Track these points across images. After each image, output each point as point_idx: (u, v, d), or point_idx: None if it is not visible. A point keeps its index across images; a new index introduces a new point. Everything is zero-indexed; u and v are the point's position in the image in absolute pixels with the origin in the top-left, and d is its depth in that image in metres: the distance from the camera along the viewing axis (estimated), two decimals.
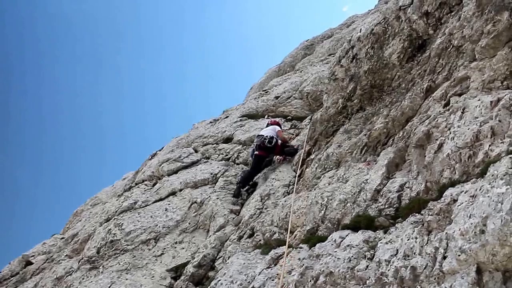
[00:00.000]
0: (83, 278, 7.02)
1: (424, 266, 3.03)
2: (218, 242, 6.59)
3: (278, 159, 8.73)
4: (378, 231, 3.92)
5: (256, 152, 8.47)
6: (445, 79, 5.04)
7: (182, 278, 6.16)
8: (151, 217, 7.88)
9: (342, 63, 7.56)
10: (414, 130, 4.80)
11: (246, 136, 10.70)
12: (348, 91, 7.22)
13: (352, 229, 4.22)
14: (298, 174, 7.45)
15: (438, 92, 4.92)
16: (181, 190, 8.75)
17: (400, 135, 5.23)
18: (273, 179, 7.70)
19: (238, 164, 9.69)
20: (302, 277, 4.02)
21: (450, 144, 3.80)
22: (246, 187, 8.27)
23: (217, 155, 10.30)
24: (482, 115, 3.70)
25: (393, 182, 4.46)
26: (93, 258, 7.33)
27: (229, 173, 9.10)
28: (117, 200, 9.79)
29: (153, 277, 6.44)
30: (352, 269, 3.61)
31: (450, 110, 4.29)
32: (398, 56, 6.40)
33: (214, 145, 10.88)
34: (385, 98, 6.45)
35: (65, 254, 8.76)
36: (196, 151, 10.83)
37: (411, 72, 6.03)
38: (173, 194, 8.71)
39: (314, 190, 5.60)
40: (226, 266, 5.35)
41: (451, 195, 3.35)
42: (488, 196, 2.79)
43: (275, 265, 4.68)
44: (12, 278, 9.08)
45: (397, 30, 6.54)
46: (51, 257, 9.25)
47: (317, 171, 6.43)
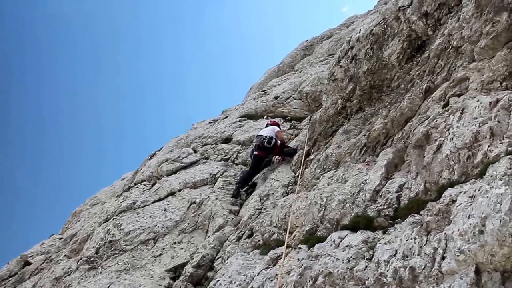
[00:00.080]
0: (82, 279, 7.01)
1: (423, 267, 3.03)
2: (217, 242, 6.59)
3: (277, 160, 8.72)
4: (377, 232, 3.92)
5: (255, 152, 8.46)
6: (444, 80, 5.04)
7: (181, 278, 6.15)
8: (150, 217, 7.87)
9: (341, 64, 7.56)
10: (413, 131, 4.80)
11: (245, 136, 10.70)
12: (347, 92, 7.22)
13: (351, 229, 4.22)
14: (297, 175, 7.45)
15: (437, 92, 4.93)
16: (180, 190, 8.74)
17: (399, 136, 5.24)
18: (272, 180, 7.69)
19: (237, 164, 9.69)
20: (301, 277, 4.02)
21: (449, 144, 3.80)
22: (245, 188, 8.26)
23: (216, 156, 10.30)
24: (481, 116, 3.70)
25: (392, 183, 4.46)
26: (92, 258, 7.31)
27: (228, 173, 9.10)
28: (116, 200, 9.78)
29: (152, 277, 6.43)
30: (351, 269, 3.61)
31: (449, 111, 4.29)
32: (397, 56, 6.40)
33: (213, 145, 10.88)
34: (384, 99, 6.45)
35: (63, 254, 8.74)
36: (195, 151, 10.83)
37: (410, 72, 6.04)
38: (172, 194, 8.70)
39: (313, 190, 5.60)
40: (225, 266, 5.34)
41: (450, 196, 3.36)
42: (487, 196, 2.79)
43: (274, 265, 4.67)
44: (10, 279, 9.06)
45: (396, 31, 6.54)
46: (50, 257, 9.23)
47: (316, 172, 6.43)
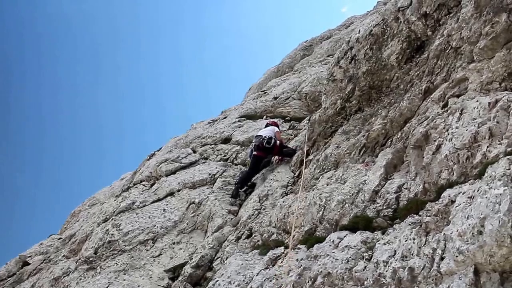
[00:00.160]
0: (81, 279, 7.00)
1: (422, 267, 3.03)
2: (216, 242, 6.58)
3: (277, 160, 8.72)
4: (376, 232, 3.92)
5: (254, 152, 8.46)
6: (443, 81, 5.05)
7: (180, 278, 6.14)
8: (149, 217, 7.86)
9: (340, 64, 7.57)
10: (413, 131, 4.81)
11: (245, 136, 10.69)
12: (346, 92, 7.23)
13: (350, 230, 4.22)
14: (297, 175, 7.45)
15: (437, 93, 4.93)
16: (179, 190, 8.73)
17: (398, 136, 5.24)
18: (271, 180, 7.69)
19: (236, 164, 9.68)
20: (300, 278, 4.02)
21: (448, 145, 3.81)
22: (245, 188, 8.25)
23: (215, 156, 10.29)
24: (480, 117, 3.70)
25: (391, 183, 4.46)
26: (90, 259, 7.30)
27: (227, 173, 9.09)
28: (115, 200, 9.76)
29: (150, 277, 6.42)
30: (350, 270, 3.61)
31: (448, 111, 4.29)
32: (396, 57, 6.41)
33: (213, 145, 10.87)
34: (383, 99, 6.46)
35: (62, 255, 8.72)
36: (194, 152, 10.82)
37: (410, 73, 6.04)
38: (171, 194, 8.69)
39: (313, 191, 5.60)
40: (224, 266, 5.34)
41: (449, 196, 3.36)
42: (486, 197, 2.79)
43: (273, 265, 4.67)
44: (9, 279, 9.04)
45: (395, 31, 6.55)
46: (48, 257, 9.21)
47: (315, 172, 6.43)
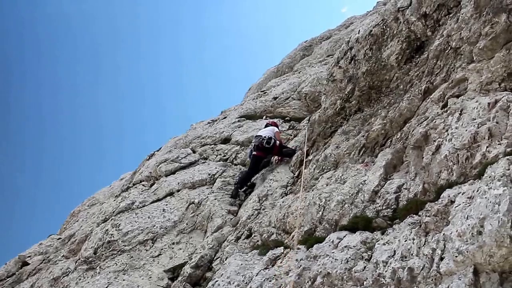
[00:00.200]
0: (80, 279, 7.00)
1: (421, 267, 3.03)
2: (215, 242, 6.58)
3: (276, 160, 8.72)
4: (375, 232, 3.92)
5: (254, 152, 8.45)
6: (443, 81, 5.05)
7: (180, 279, 6.14)
8: (149, 217, 7.86)
9: (340, 64, 7.57)
10: (412, 132, 4.81)
11: (244, 136, 10.69)
12: (346, 92, 7.23)
13: (349, 230, 4.22)
14: (296, 175, 7.45)
15: (436, 93, 4.93)
16: (178, 190, 8.73)
17: (398, 137, 5.24)
18: (271, 180, 7.69)
19: (236, 164, 9.68)
20: (299, 278, 4.02)
21: (448, 145, 3.81)
22: (244, 188, 8.25)
23: (215, 156, 10.29)
24: (480, 117, 3.71)
25: (391, 183, 4.46)
26: (90, 259, 7.30)
27: (227, 173, 9.09)
28: (114, 200, 9.76)
29: (150, 277, 6.42)
30: (349, 270, 3.61)
31: (448, 112, 4.29)
32: (396, 57, 6.41)
33: (212, 145, 10.87)
34: (383, 100, 6.46)
35: (61, 255, 8.72)
36: (194, 152, 10.82)
37: (409, 73, 6.05)
38: (170, 194, 8.69)
39: (312, 191, 5.60)
40: (223, 267, 5.33)
41: (449, 197, 3.36)
42: (485, 197, 2.79)
43: (273, 266, 4.67)
44: (8, 279, 9.03)
45: (395, 32, 6.55)
46: (48, 257, 9.20)
47: (315, 172, 6.43)
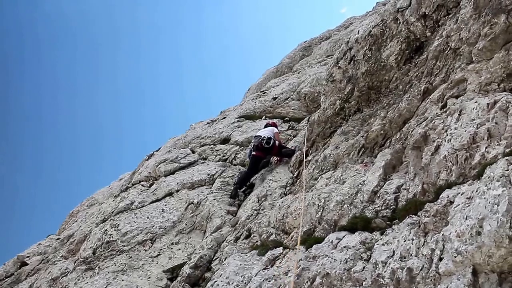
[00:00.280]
0: (79, 279, 6.98)
1: (420, 268, 3.03)
2: (214, 243, 6.57)
3: (275, 160, 8.72)
4: (374, 233, 3.92)
5: (253, 153, 8.45)
6: (442, 81, 5.05)
7: (179, 279, 6.13)
8: (148, 217, 7.85)
9: (340, 65, 7.57)
10: (411, 132, 4.81)
11: (244, 137, 10.69)
12: (345, 93, 7.23)
13: (349, 230, 4.22)
14: (296, 176, 7.45)
15: (435, 94, 4.94)
16: (178, 191, 8.72)
17: (397, 137, 5.24)
18: (270, 180, 7.69)
19: (235, 165, 9.68)
20: (298, 278, 4.01)
21: (447, 146, 3.81)
22: (243, 188, 8.25)
23: (214, 156, 10.29)
24: (479, 117, 3.71)
25: (390, 184, 4.46)
26: (89, 259, 7.29)
27: (226, 174, 9.09)
28: (113, 200, 9.75)
29: (149, 278, 6.41)
30: (348, 270, 3.61)
31: (447, 112, 4.30)
32: (395, 58, 6.42)
33: (211, 145, 10.87)
34: (382, 100, 6.46)
35: (60, 255, 8.70)
36: (193, 152, 10.81)
37: (409, 74, 6.05)
38: (170, 194, 8.68)
39: (311, 191, 5.60)
40: (222, 267, 5.33)
41: (448, 197, 3.36)
42: (484, 198, 2.80)
43: (272, 266, 4.66)
44: (7, 279, 9.01)
45: (394, 32, 6.56)
46: (47, 257, 9.18)
47: (314, 172, 6.42)
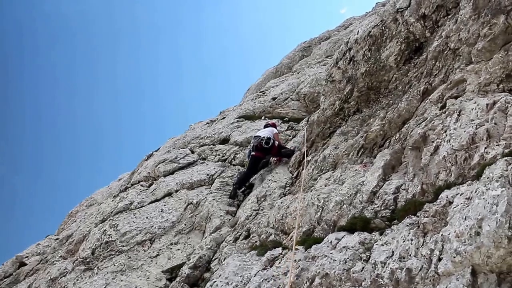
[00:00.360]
0: (78, 279, 6.97)
1: (419, 268, 3.03)
2: (214, 243, 6.57)
3: (275, 161, 8.72)
4: (374, 233, 3.92)
5: (252, 153, 8.45)
6: (441, 82, 5.06)
7: (178, 279, 6.12)
8: (147, 218, 7.84)
9: (339, 65, 7.58)
10: (411, 132, 4.81)
11: (243, 137, 10.69)
12: (345, 93, 7.23)
13: (348, 230, 4.22)
14: (295, 176, 7.45)
15: (435, 94, 4.94)
16: (177, 191, 8.71)
17: (396, 137, 5.24)
18: (269, 181, 7.68)
19: (234, 165, 9.68)
20: (297, 278, 4.01)
21: (446, 146, 3.81)
22: (243, 188, 8.24)
23: (213, 156, 10.28)
24: (478, 118, 3.71)
25: (389, 184, 4.46)
26: (87, 259, 7.27)
27: (225, 174, 9.08)
28: (112, 201, 9.74)
29: (148, 278, 6.40)
30: (347, 270, 3.60)
31: (447, 113, 4.30)
32: (395, 58, 6.42)
33: (211, 146, 10.86)
34: (382, 100, 6.47)
35: (59, 255, 8.68)
36: (192, 152, 10.81)
37: (408, 74, 6.06)
38: (169, 195, 8.67)
39: (311, 191, 5.60)
40: (221, 267, 5.32)
41: (447, 197, 3.36)
42: (483, 198, 2.80)
43: (271, 266, 4.66)
44: (5, 279, 8.99)
45: (394, 33, 6.56)
46: (45, 258, 9.17)
47: (313, 173, 6.42)
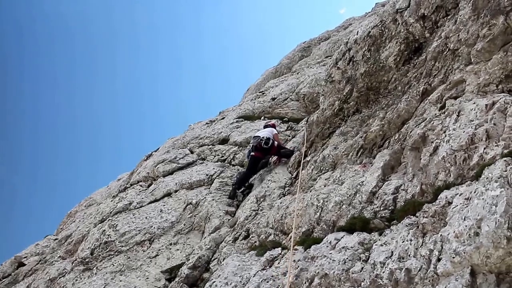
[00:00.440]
0: (77, 280, 6.96)
1: (418, 268, 3.03)
2: (213, 243, 6.56)
3: (274, 161, 8.72)
4: (373, 233, 3.92)
5: (252, 153, 8.45)
6: (441, 82, 5.06)
7: (177, 279, 6.12)
8: (146, 218, 7.84)
9: (339, 65, 7.58)
10: (410, 133, 4.81)
11: (242, 137, 10.69)
12: (344, 93, 7.24)
13: (347, 231, 4.22)
14: (294, 176, 7.45)
15: (434, 95, 4.94)
16: (176, 191, 8.71)
17: (396, 138, 5.24)
18: (269, 181, 7.68)
19: (234, 165, 9.67)
20: (297, 279, 4.01)
21: (446, 147, 3.81)
22: (242, 189, 8.24)
23: (213, 156, 10.28)
24: (477, 118, 3.71)
25: (388, 185, 4.46)
26: (86, 260, 7.26)
27: (224, 174, 9.08)
28: (111, 201, 9.73)
29: (147, 278, 6.39)
30: (347, 271, 3.60)
31: (446, 113, 4.30)
32: (394, 58, 6.42)
33: (210, 146, 10.86)
34: (381, 101, 6.47)
35: (58, 255, 8.67)
36: (192, 152, 10.80)
37: (407, 75, 6.06)
38: (168, 195, 8.67)
39: (310, 192, 5.60)
40: (221, 267, 5.32)
41: (446, 198, 3.36)
42: (482, 198, 2.80)
43: (270, 267, 4.66)
44: (4, 280, 8.97)
45: (393, 33, 6.57)
46: (44, 258, 9.15)
47: (313, 173, 6.42)
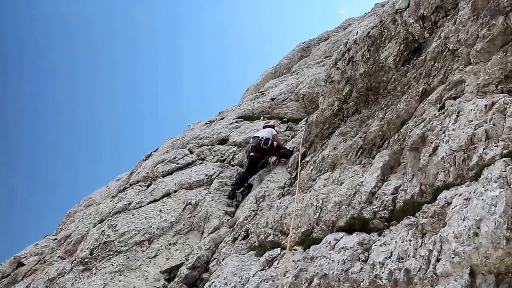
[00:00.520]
0: (76, 280, 6.95)
1: (418, 269, 3.03)
2: (212, 243, 6.56)
3: (273, 161, 8.71)
4: (372, 234, 3.92)
5: (251, 153, 8.45)
6: (440, 83, 5.06)
7: (176, 280, 6.11)
8: (145, 218, 7.83)
9: (338, 66, 7.58)
10: (409, 133, 4.81)
11: (242, 137, 10.69)
12: (344, 94, 7.24)
13: (346, 231, 4.22)
14: (294, 176, 7.45)
15: (434, 95, 4.95)
16: (175, 191, 8.70)
17: (395, 138, 5.24)
18: (268, 181, 7.68)
19: (233, 165, 9.67)
20: (296, 279, 4.01)
21: (445, 147, 3.81)
22: (241, 189, 8.24)
23: (212, 157, 10.28)
24: (477, 119, 3.72)
25: (388, 185, 4.46)
26: (86, 260, 7.25)
27: (224, 174, 9.08)
28: (111, 201, 9.72)
29: (146, 278, 6.39)
30: (346, 271, 3.60)
31: (445, 114, 4.30)
32: (394, 59, 6.43)
33: (210, 146, 10.85)
34: (380, 101, 6.47)
35: (57, 255, 8.66)
36: (191, 152, 10.80)
37: (407, 75, 6.06)
38: (167, 195, 8.66)
39: (309, 192, 5.60)
40: (220, 268, 5.31)
41: (445, 198, 3.36)
42: (482, 199, 2.80)
43: (270, 267, 4.66)
44: (3, 280, 8.96)
45: (393, 33, 6.57)
46: (44, 258, 9.15)
47: (312, 173, 6.42)
